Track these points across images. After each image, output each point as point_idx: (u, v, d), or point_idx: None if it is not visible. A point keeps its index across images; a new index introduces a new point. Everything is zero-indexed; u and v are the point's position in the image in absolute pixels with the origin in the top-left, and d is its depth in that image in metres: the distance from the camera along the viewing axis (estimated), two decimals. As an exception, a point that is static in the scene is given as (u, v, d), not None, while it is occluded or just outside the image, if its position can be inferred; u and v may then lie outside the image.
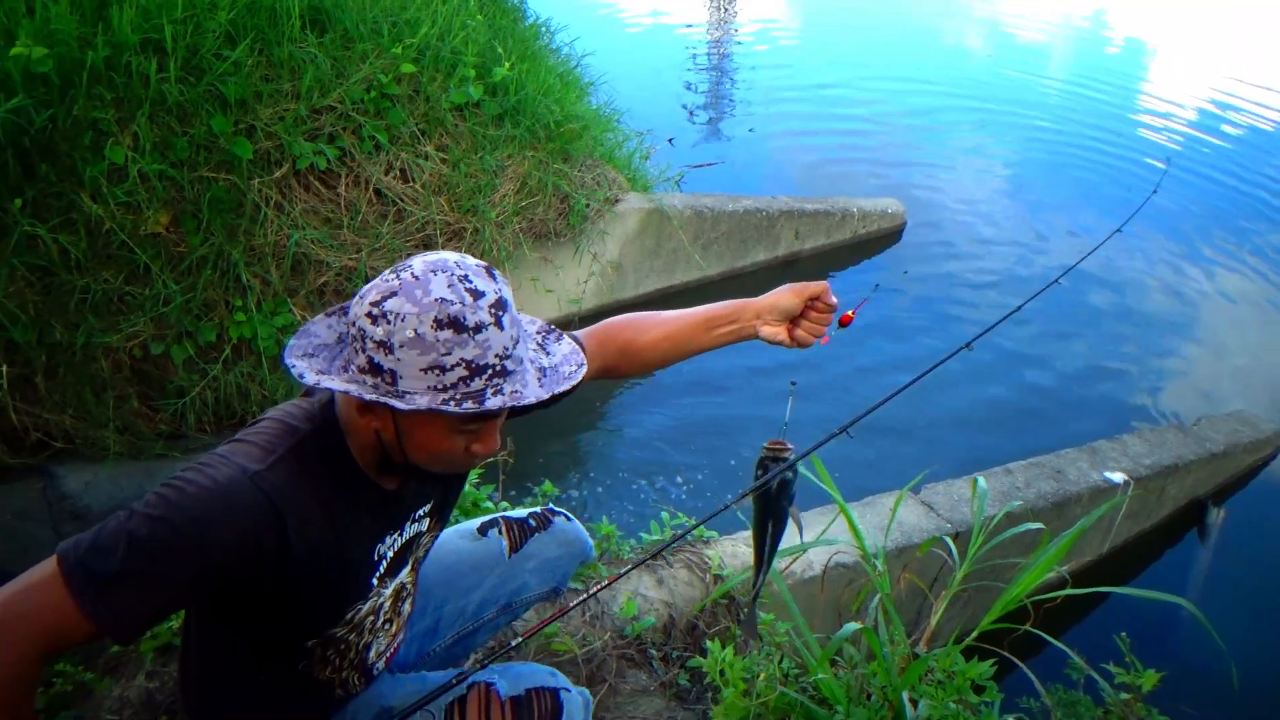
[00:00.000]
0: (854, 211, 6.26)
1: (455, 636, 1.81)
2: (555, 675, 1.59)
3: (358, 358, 1.16)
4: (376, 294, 1.14)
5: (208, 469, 1.15)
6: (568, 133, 4.70)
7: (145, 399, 3.62)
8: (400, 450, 1.24)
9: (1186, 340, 5.85)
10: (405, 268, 1.16)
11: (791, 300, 1.58)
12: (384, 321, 1.12)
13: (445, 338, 1.12)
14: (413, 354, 1.12)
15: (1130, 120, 9.89)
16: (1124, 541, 4.10)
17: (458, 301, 1.13)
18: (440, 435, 1.22)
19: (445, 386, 1.14)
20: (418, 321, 1.12)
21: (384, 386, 1.14)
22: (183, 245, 3.58)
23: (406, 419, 1.20)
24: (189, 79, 3.51)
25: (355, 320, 1.16)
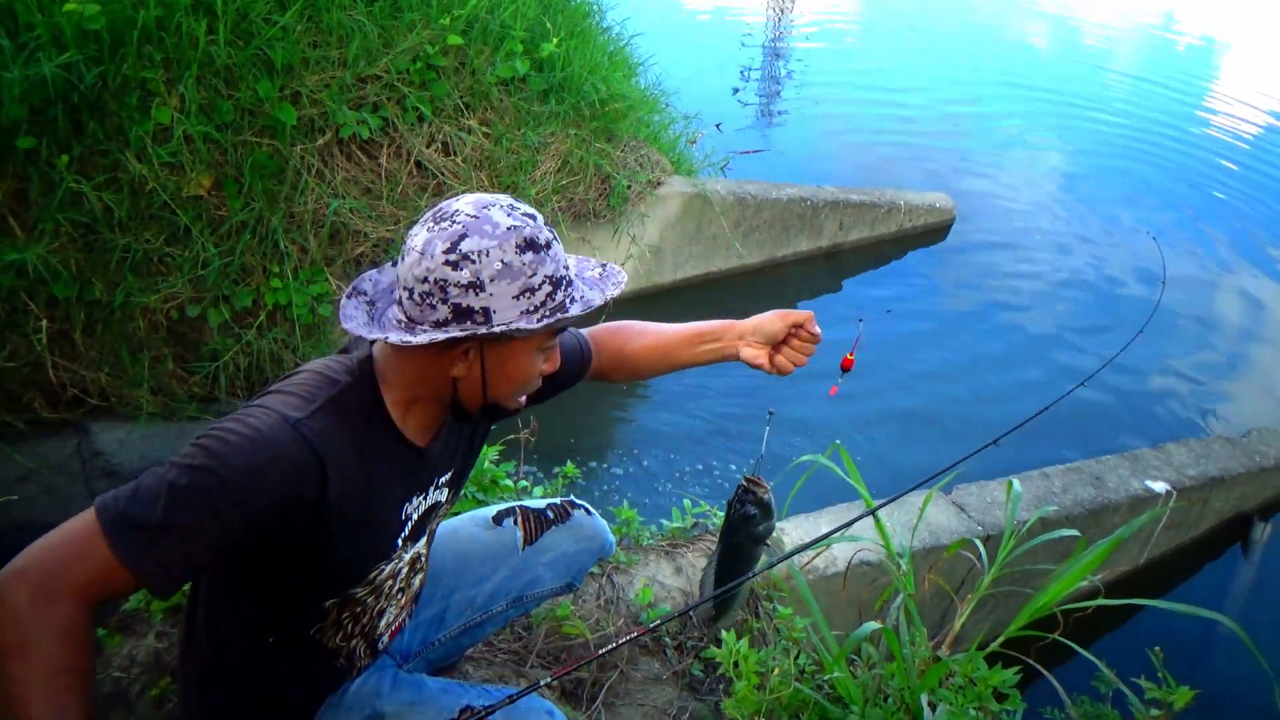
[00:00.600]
0: (900, 205, 6.13)
1: (462, 627, 1.78)
2: (553, 714, 1.56)
3: (434, 312, 1.17)
4: (444, 242, 1.16)
5: (248, 418, 1.15)
6: (613, 112, 4.65)
7: (180, 360, 3.65)
8: (483, 392, 1.28)
9: (1243, 350, 5.66)
10: (451, 213, 1.19)
11: (775, 325, 1.57)
12: (468, 263, 1.15)
13: (529, 260, 1.18)
14: (503, 284, 1.16)
15: (1195, 118, 9.61)
16: (1162, 554, 3.98)
17: (525, 224, 1.19)
18: (528, 359, 1.27)
19: (536, 306, 1.20)
20: (501, 252, 1.16)
21: (475, 327, 1.17)
22: (223, 209, 3.59)
23: (496, 355, 1.24)
24: (237, 42, 3.52)
25: (426, 276, 1.16)
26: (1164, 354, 5.45)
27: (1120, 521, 3.53)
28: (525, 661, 2.14)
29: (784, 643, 2.25)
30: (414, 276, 1.17)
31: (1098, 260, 6.44)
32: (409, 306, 1.19)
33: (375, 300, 1.30)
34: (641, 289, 5.15)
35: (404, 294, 1.19)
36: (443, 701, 1.51)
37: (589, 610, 2.31)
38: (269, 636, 1.36)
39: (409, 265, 1.18)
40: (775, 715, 1.98)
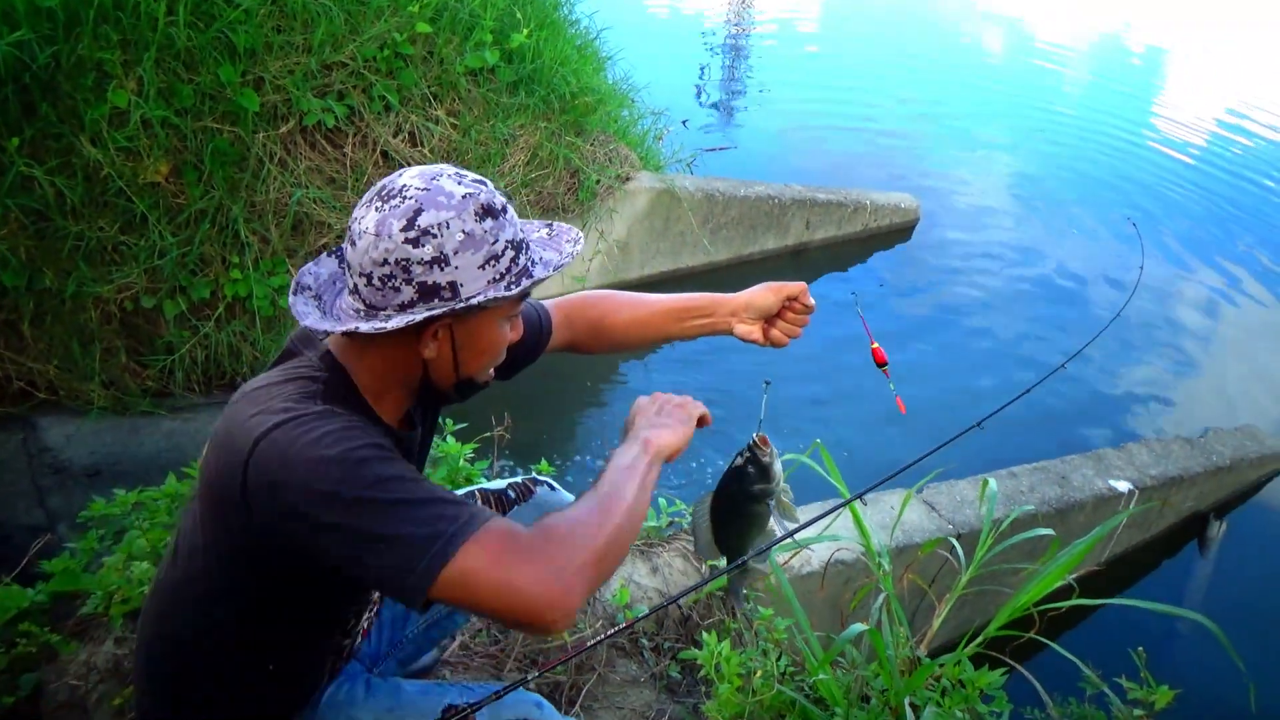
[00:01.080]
0: (866, 204, 6.16)
1: (428, 621, 1.71)
2: (542, 706, 1.50)
3: (397, 295, 1.12)
4: (399, 220, 1.11)
5: (289, 429, 1.08)
6: (582, 105, 4.60)
7: (133, 353, 3.53)
8: (454, 368, 1.24)
9: (1196, 349, 5.77)
10: (399, 189, 1.13)
11: (768, 299, 1.56)
12: (429, 238, 1.11)
13: (490, 226, 1.15)
14: (468, 255, 1.13)
15: (1148, 125, 9.81)
16: (1124, 551, 4.03)
17: (479, 190, 1.16)
18: (497, 330, 1.24)
19: (502, 274, 1.16)
20: (462, 222, 1.12)
21: (445, 304, 1.13)
22: (182, 197, 3.48)
23: (466, 330, 1.20)
24: (198, 24, 3.40)
25: (386, 258, 1.11)
26: (1121, 354, 5.54)
27: (1085, 520, 3.57)
28: (503, 666, 2.09)
29: (763, 644, 2.22)
30: (371, 260, 1.12)
31: (1060, 259, 6.55)
32: (368, 293, 1.14)
33: (320, 294, 1.24)
34: (609, 284, 5.09)
35: (359, 281, 1.14)
36: (423, 704, 1.45)
37: (567, 612, 2.26)
38: (273, 645, 1.30)
39: (363, 249, 1.12)
40: (757, 718, 1.96)
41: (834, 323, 5.36)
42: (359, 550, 1.04)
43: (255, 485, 1.07)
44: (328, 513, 1.04)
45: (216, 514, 1.16)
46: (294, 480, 1.05)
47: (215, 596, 1.23)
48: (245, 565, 1.18)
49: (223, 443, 1.13)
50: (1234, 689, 2.67)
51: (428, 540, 1.03)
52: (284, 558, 1.15)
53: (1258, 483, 4.47)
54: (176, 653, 1.29)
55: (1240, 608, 3.88)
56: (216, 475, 1.13)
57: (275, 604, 1.24)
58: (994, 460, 3.82)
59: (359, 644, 1.50)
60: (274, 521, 1.08)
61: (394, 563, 1.03)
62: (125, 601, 1.81)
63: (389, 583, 1.06)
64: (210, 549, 1.19)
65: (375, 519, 1.04)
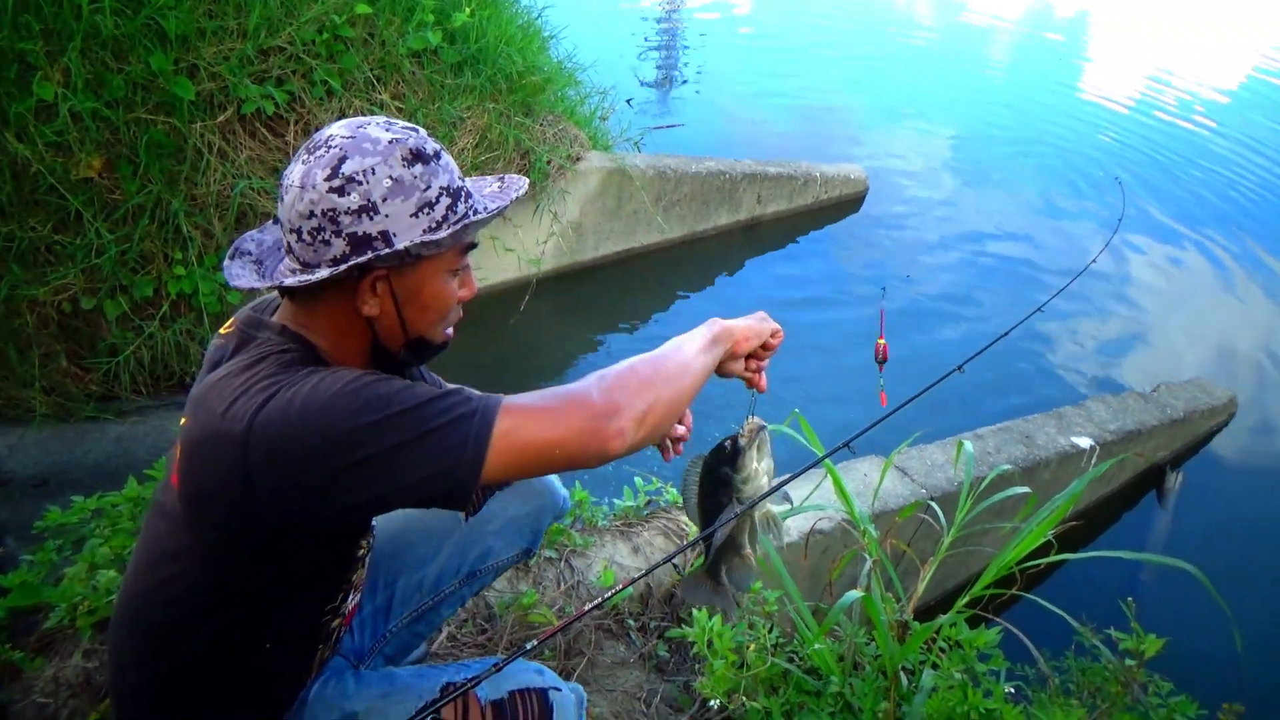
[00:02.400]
0: (816, 176, 6.17)
1: (412, 615, 1.65)
2: (543, 673, 1.45)
3: (329, 249, 1.08)
4: (323, 170, 1.06)
5: (280, 398, 1.04)
6: (530, 85, 4.51)
7: (74, 357, 3.38)
8: (401, 326, 1.18)
9: (1142, 309, 5.90)
10: (325, 139, 1.10)
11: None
12: (354, 185, 1.06)
13: (420, 172, 1.10)
14: (398, 202, 1.08)
15: (1079, 87, 10.00)
16: (1085, 506, 4.11)
17: (408, 136, 1.11)
18: (442, 283, 1.19)
19: (439, 222, 1.11)
20: (388, 168, 1.08)
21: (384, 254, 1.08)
22: (118, 192, 3.32)
23: (407, 284, 1.15)
24: (125, 11, 3.24)
25: (312, 210, 1.07)
26: (1073, 313, 5.65)
27: (1051, 477, 3.63)
28: (493, 653, 2.04)
29: (752, 616, 2.20)
30: (298, 214, 1.08)
31: (1002, 221, 6.66)
32: (300, 250, 1.10)
33: (262, 259, 1.20)
34: (564, 266, 5.03)
35: (292, 238, 1.10)
36: (419, 686, 1.40)
37: (553, 597, 2.21)
38: (268, 638, 1.24)
39: (290, 204, 1.08)
40: (750, 691, 1.94)
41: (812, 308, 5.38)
42: (397, 469, 1.01)
43: (260, 465, 1.01)
44: (353, 450, 1.00)
45: (207, 513, 1.09)
46: (305, 438, 1.01)
47: (200, 596, 1.16)
48: (240, 557, 1.12)
49: (203, 440, 1.07)
50: (1197, 634, 2.75)
51: (462, 424, 1.02)
52: (291, 530, 1.09)
53: (1209, 433, 4.59)
54: (157, 659, 1.22)
55: (1200, 555, 3.98)
56: (204, 474, 1.07)
57: (267, 589, 1.18)
58: (958, 425, 3.86)
59: (344, 632, 1.44)
60: (287, 493, 1.03)
61: (437, 461, 1.02)
62: (92, 612, 1.72)
63: (439, 483, 1.03)
64: (195, 550, 1.13)
65: (402, 431, 1.01)
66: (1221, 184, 7.88)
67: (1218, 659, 3.06)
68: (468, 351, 4.15)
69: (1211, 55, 12.84)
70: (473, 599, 2.12)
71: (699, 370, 1.24)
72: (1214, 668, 3.07)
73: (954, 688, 1.66)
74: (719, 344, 1.31)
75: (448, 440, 1.02)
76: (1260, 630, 3.45)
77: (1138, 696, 1.88)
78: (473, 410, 1.04)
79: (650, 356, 1.19)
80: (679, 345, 1.25)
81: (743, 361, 1.40)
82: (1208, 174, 8.05)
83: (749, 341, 1.36)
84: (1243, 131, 9.34)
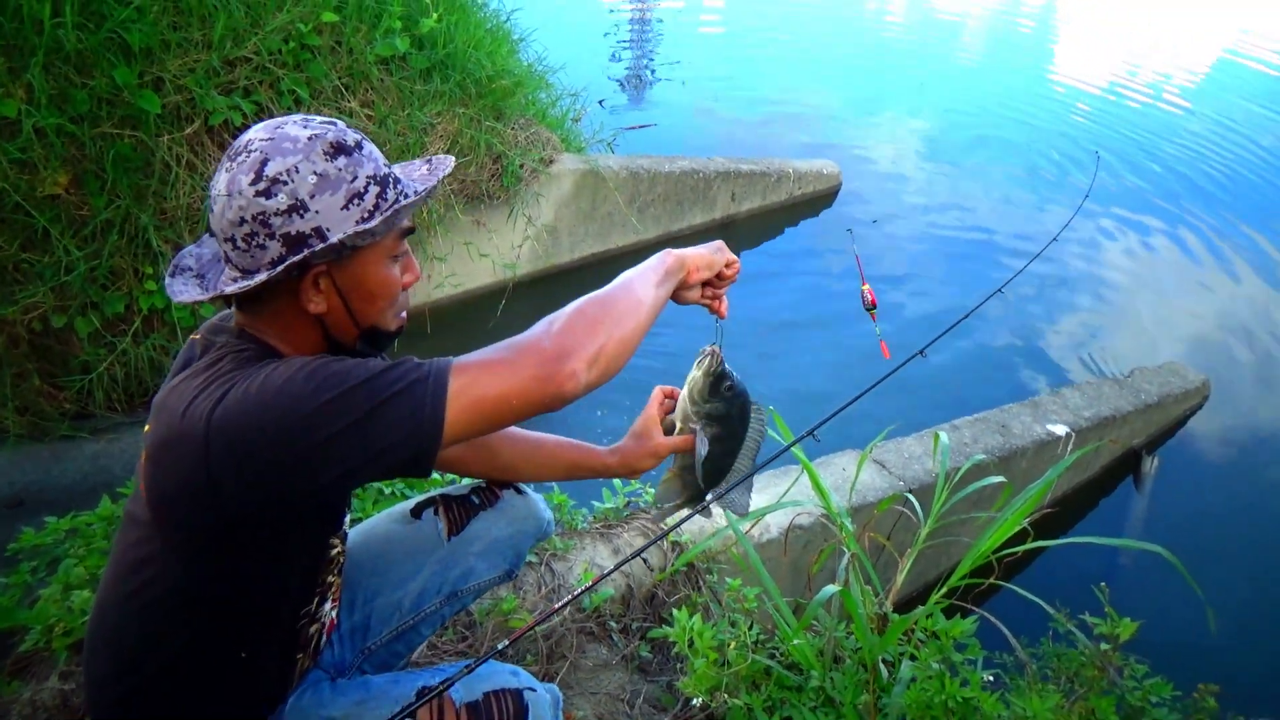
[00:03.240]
0: (790, 172, 6.19)
1: (392, 633, 1.63)
2: (518, 674, 1.45)
3: (265, 253, 1.09)
4: (247, 175, 1.07)
5: (237, 391, 1.05)
6: (500, 89, 4.50)
7: (47, 376, 3.35)
8: (351, 319, 1.19)
9: (1114, 294, 5.96)
10: (245, 144, 1.10)
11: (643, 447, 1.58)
12: (279, 185, 1.07)
13: (344, 164, 1.10)
14: (327, 197, 1.09)
15: (1050, 93, 10.08)
16: (1064, 493, 4.15)
17: (327, 130, 1.11)
18: (385, 270, 1.19)
19: (370, 211, 1.12)
20: (311, 164, 1.08)
21: (318, 250, 1.09)
22: (85, 208, 3.30)
23: (349, 276, 1.15)
24: (88, 25, 3.21)
25: (242, 216, 1.07)
26: (1043, 301, 5.70)
27: (1028, 465, 3.66)
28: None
29: (732, 614, 2.22)
30: (229, 222, 1.08)
31: (974, 212, 6.71)
32: (238, 258, 1.10)
33: (203, 273, 1.20)
34: (540, 270, 5.03)
35: (228, 247, 1.11)
36: (395, 691, 1.39)
37: (533, 601, 2.22)
38: (243, 646, 1.23)
39: (220, 213, 1.09)
40: (733, 688, 1.95)
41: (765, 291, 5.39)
42: (359, 442, 1.02)
43: (221, 458, 1.02)
44: (313, 429, 1.01)
45: (174, 514, 1.10)
46: (263, 424, 1.01)
47: (172, 602, 1.16)
48: (210, 557, 1.12)
49: (165, 442, 1.07)
50: (1173, 615, 2.78)
51: (417, 389, 1.04)
52: (259, 524, 1.10)
53: (1183, 417, 4.64)
54: (132, 672, 1.21)
55: (1177, 537, 4.03)
56: (169, 475, 1.07)
57: (239, 592, 1.18)
58: (935, 415, 3.89)
59: (324, 642, 1.44)
60: (251, 482, 1.03)
61: (398, 428, 1.03)
62: (68, 634, 1.71)
63: (403, 449, 1.04)
64: (165, 554, 1.13)
65: (359, 404, 1.02)
66: (1191, 167, 7.97)
67: (1194, 640, 3.10)
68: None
69: (1181, 40, 12.99)
70: (453, 606, 2.12)
71: (651, 305, 1.23)
72: (1190, 649, 3.11)
73: (932, 678, 1.68)
74: (671, 276, 1.31)
75: (405, 406, 1.03)
76: (1235, 609, 3.50)
77: (1114, 680, 1.90)
78: (425, 374, 1.05)
79: (600, 295, 1.19)
80: (629, 281, 1.24)
81: (699, 289, 1.42)
82: (1176, 157, 8.14)
83: (701, 272, 1.37)
84: (1216, 112, 9.47)
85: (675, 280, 1.32)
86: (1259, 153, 8.51)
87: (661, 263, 1.31)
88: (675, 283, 1.32)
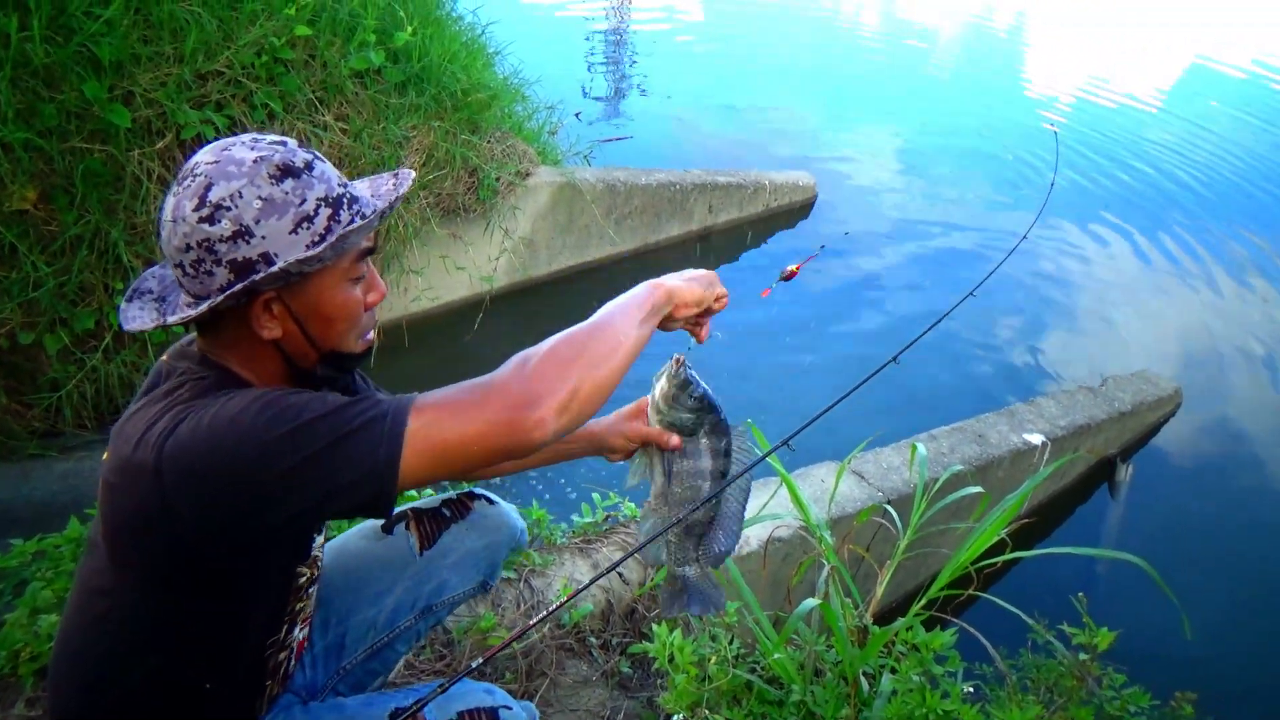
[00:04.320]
0: (766, 184, 6.22)
1: (367, 651, 1.61)
2: (493, 692, 1.44)
3: (213, 279, 1.06)
4: (191, 200, 1.04)
5: (191, 420, 1.02)
6: (476, 102, 4.49)
7: (14, 394, 3.29)
8: (308, 343, 1.15)
9: (1086, 303, 6.02)
10: (192, 168, 1.07)
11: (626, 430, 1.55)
12: (224, 212, 1.03)
13: (290, 186, 1.07)
14: (273, 221, 1.05)
15: (1019, 97, 10.21)
16: (1039, 502, 4.17)
17: (274, 152, 1.07)
18: (343, 293, 1.15)
19: (321, 235, 1.08)
20: (255, 189, 1.04)
21: (263, 277, 1.05)
22: (54, 223, 3.25)
23: (302, 300, 1.12)
24: (56, 38, 3.17)
25: (188, 243, 1.04)
26: (1015, 310, 5.75)
27: (1005, 474, 3.68)
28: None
29: (713, 629, 2.20)
30: (175, 248, 1.06)
31: (949, 223, 6.77)
32: (188, 283, 1.08)
33: (164, 295, 1.17)
34: (518, 283, 5.01)
35: (178, 273, 1.09)
36: (367, 713, 1.38)
37: (512, 619, 2.19)
38: (208, 674, 1.21)
39: (167, 239, 1.06)
40: (713, 704, 1.93)
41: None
42: (312, 480, 0.99)
43: (174, 489, 1.00)
44: (266, 465, 0.98)
45: (133, 543, 1.08)
46: (216, 457, 0.99)
47: (133, 631, 1.14)
48: (169, 588, 1.10)
49: (120, 469, 1.05)
50: (1150, 624, 2.79)
51: (373, 428, 1.00)
52: (216, 555, 1.07)
53: (1156, 424, 4.69)
54: (95, 702, 1.19)
55: (1153, 545, 4.06)
56: (123, 506, 1.05)
57: (201, 621, 1.15)
58: (912, 425, 3.90)
59: (293, 667, 1.41)
60: (204, 515, 1.01)
61: (353, 468, 0.99)
62: (34, 659, 1.68)
63: (358, 491, 1.00)
64: (124, 584, 1.11)
65: (313, 441, 0.98)
66: (1163, 173, 8.08)
67: (1171, 648, 3.12)
68: (423, 372, 4.12)
69: (1155, 46, 13.19)
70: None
71: (633, 344, 1.15)
72: (1167, 657, 3.13)
73: (913, 691, 1.67)
74: (657, 312, 1.24)
75: (360, 446, 0.99)
76: (1211, 616, 3.52)
77: (1092, 689, 1.91)
78: (383, 413, 1.01)
79: (579, 333, 1.11)
80: (611, 316, 1.16)
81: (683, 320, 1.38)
82: (1149, 163, 8.26)
83: (689, 309, 1.30)
84: (1188, 117, 9.63)
85: (661, 315, 1.25)
86: (1232, 158, 8.66)
87: (649, 296, 1.22)
88: (660, 317, 1.25)
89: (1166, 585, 1.90)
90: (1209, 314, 6.00)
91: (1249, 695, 3.31)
